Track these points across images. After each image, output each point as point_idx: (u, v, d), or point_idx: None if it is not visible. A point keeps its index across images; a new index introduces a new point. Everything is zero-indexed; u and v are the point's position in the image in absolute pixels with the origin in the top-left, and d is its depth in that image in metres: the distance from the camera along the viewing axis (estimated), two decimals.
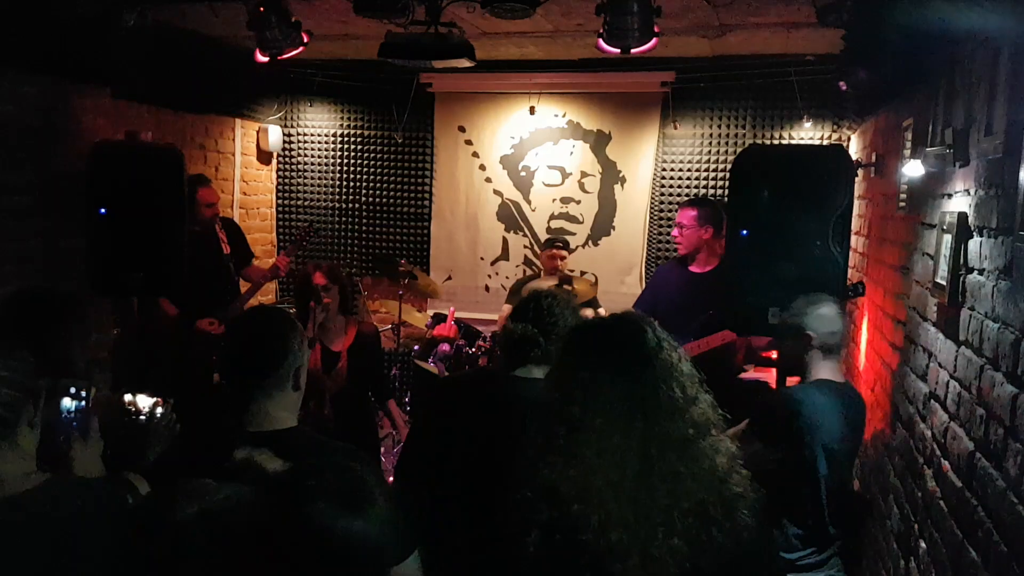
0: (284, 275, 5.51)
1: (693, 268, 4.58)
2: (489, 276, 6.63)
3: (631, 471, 1.61)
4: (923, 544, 2.74)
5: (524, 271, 6.50)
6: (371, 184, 6.87)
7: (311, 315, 3.87)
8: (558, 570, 1.63)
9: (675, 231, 4.67)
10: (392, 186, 6.84)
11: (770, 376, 4.47)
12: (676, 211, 6.10)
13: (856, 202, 4.75)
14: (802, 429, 2.75)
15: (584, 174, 6.37)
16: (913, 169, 3.13)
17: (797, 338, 2.95)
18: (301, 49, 4.28)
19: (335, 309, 4.03)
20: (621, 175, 6.29)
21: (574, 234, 6.38)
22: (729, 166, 4.89)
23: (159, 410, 2.17)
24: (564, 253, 5.57)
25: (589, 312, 5.05)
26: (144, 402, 2.14)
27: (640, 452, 1.62)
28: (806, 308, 2.98)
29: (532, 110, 6.34)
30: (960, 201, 2.61)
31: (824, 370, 2.94)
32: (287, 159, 7.02)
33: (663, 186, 6.24)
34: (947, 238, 2.61)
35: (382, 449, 4.84)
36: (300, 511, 1.31)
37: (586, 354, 1.77)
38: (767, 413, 2.88)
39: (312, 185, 7.00)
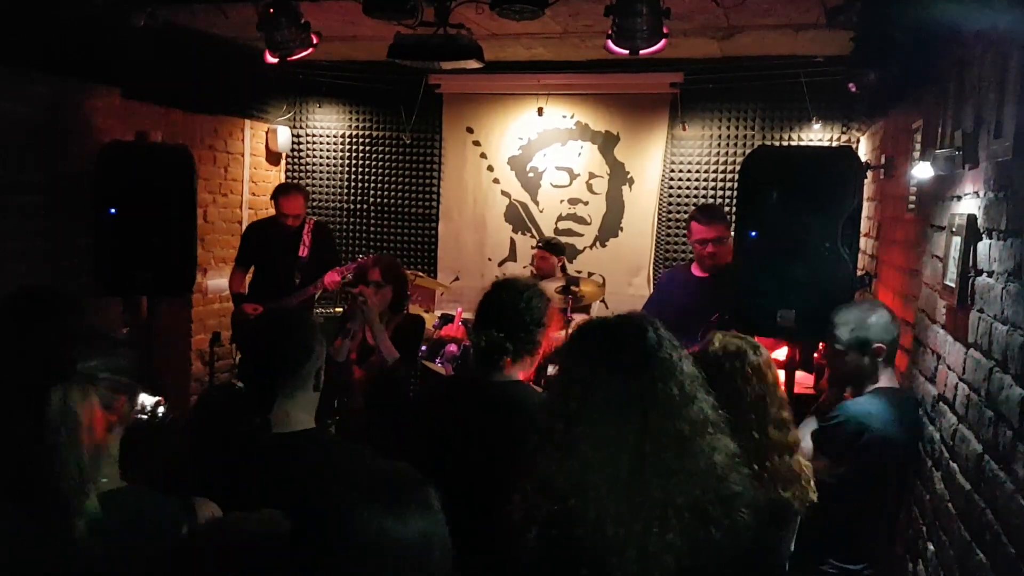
0: (332, 289, 5.44)
1: (697, 272, 4.56)
2: (496, 277, 6.60)
3: (626, 466, 1.63)
4: (931, 546, 2.73)
5: (531, 272, 6.49)
6: (379, 185, 6.89)
7: (356, 308, 3.94)
8: (557, 565, 1.64)
9: (708, 248, 4.30)
10: (400, 187, 6.85)
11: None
12: (684, 212, 6.13)
13: (865, 204, 4.73)
14: (871, 444, 2.69)
15: (592, 175, 6.37)
16: (922, 171, 3.12)
17: (864, 352, 2.87)
18: (310, 50, 4.30)
19: (384, 305, 4.08)
20: (629, 176, 6.28)
21: (582, 235, 6.38)
22: (738, 168, 4.88)
23: (161, 409, 2.17)
24: (545, 254, 5.55)
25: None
26: (146, 400, 2.14)
27: (635, 447, 1.64)
28: (865, 319, 2.89)
29: (540, 111, 6.34)
30: (969, 203, 2.61)
31: (884, 378, 2.90)
32: (296, 160, 7.05)
33: (671, 187, 6.23)
34: (956, 240, 2.60)
35: None
36: (346, 525, 1.26)
37: (586, 352, 1.80)
38: (833, 428, 2.77)
39: (321, 186, 7.02)
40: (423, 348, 5.80)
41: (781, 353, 3.84)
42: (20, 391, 1.54)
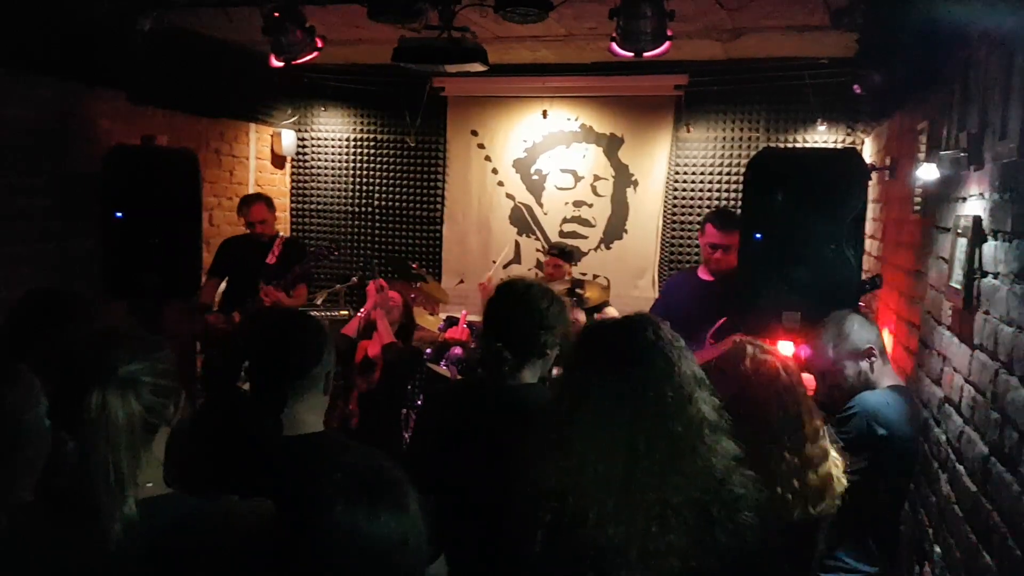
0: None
1: (704, 276, 4.55)
2: (501, 280, 6.63)
3: (620, 465, 1.64)
4: (938, 549, 2.73)
5: (536, 274, 6.49)
6: (384, 188, 6.90)
7: (376, 295, 4.23)
8: (563, 567, 1.65)
9: (717, 253, 4.24)
10: (405, 190, 6.86)
11: None
12: (689, 215, 6.13)
13: (870, 205, 4.73)
14: (887, 437, 2.66)
15: (597, 178, 6.37)
16: (927, 172, 3.12)
17: (858, 358, 2.85)
18: (315, 54, 4.31)
19: (393, 317, 4.28)
20: (634, 179, 6.28)
21: (586, 238, 6.38)
22: (742, 170, 4.86)
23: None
24: (559, 262, 5.51)
25: (612, 311, 5.07)
26: None
27: (628, 447, 1.64)
28: (842, 329, 2.88)
29: (545, 114, 6.35)
30: (974, 205, 2.60)
31: (887, 376, 2.89)
32: (301, 163, 7.06)
33: (676, 190, 6.22)
34: (961, 242, 2.60)
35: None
36: (325, 517, 1.28)
37: (583, 353, 1.82)
38: (846, 418, 2.73)
39: (326, 189, 7.03)
40: (427, 351, 5.82)
41: (787, 348, 3.80)
42: (57, 395, 1.52)
